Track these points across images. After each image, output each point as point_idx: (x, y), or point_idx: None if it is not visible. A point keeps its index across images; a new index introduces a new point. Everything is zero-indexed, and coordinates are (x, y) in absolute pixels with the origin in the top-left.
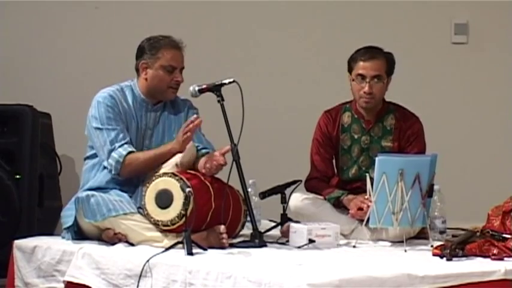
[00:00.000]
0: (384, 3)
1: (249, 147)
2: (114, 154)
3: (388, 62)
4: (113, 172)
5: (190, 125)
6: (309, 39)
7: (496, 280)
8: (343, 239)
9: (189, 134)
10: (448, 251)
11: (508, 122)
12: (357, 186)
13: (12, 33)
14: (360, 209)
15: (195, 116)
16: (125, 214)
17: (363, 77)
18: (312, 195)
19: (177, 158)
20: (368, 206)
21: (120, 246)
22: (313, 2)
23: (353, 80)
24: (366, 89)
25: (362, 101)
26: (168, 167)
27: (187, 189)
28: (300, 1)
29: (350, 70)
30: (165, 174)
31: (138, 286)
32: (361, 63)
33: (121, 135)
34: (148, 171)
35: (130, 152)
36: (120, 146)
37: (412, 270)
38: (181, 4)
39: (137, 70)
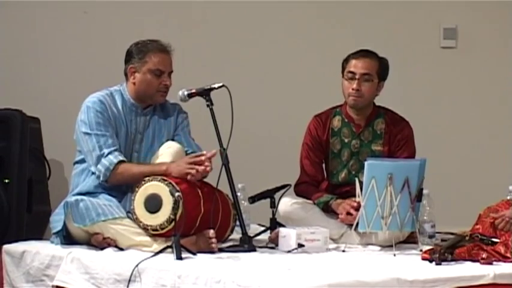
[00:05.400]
0: (373, 8)
1: (239, 152)
2: (104, 161)
3: (381, 65)
4: (101, 178)
5: (199, 168)
6: (299, 43)
7: (485, 284)
8: (333, 244)
9: (194, 172)
10: (437, 255)
11: (497, 126)
12: (347, 191)
13: (0, 38)
14: (349, 213)
15: (206, 154)
16: (114, 219)
17: (353, 74)
18: (301, 200)
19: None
20: (356, 210)
21: (109, 250)
22: (302, 8)
23: (344, 80)
24: (354, 85)
25: (350, 99)
26: None
27: (177, 194)
28: (289, 6)
29: (343, 71)
30: (154, 178)
31: None
32: (353, 61)
33: (110, 141)
34: (136, 183)
35: (121, 161)
36: (110, 153)
37: (401, 274)
38: (170, 8)
39: (126, 74)
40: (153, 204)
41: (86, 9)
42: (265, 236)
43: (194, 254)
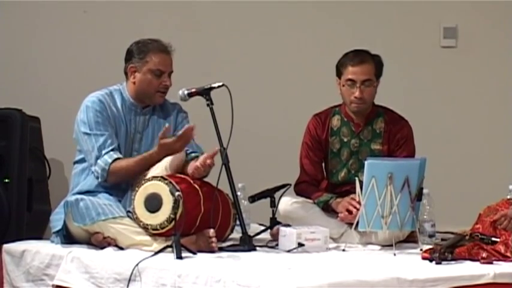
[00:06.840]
0: (373, 8)
1: (239, 151)
2: (100, 162)
3: (377, 65)
4: (99, 179)
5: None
6: (299, 43)
7: (485, 284)
8: (333, 243)
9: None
10: (437, 254)
11: (497, 125)
12: (346, 190)
13: (0, 38)
14: (348, 211)
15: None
16: (114, 218)
17: (353, 81)
18: (301, 199)
19: (166, 161)
20: (356, 208)
21: (109, 250)
22: (302, 8)
23: (343, 86)
24: (357, 94)
25: (353, 106)
26: (157, 170)
27: (177, 193)
28: (289, 6)
29: (339, 75)
30: (154, 178)
31: None
32: (350, 68)
33: (109, 141)
34: (135, 176)
35: (116, 159)
36: (106, 153)
37: (402, 273)
38: (170, 8)
39: (126, 74)
40: (153, 203)
41: (85, 8)
42: (265, 236)
43: (194, 253)
